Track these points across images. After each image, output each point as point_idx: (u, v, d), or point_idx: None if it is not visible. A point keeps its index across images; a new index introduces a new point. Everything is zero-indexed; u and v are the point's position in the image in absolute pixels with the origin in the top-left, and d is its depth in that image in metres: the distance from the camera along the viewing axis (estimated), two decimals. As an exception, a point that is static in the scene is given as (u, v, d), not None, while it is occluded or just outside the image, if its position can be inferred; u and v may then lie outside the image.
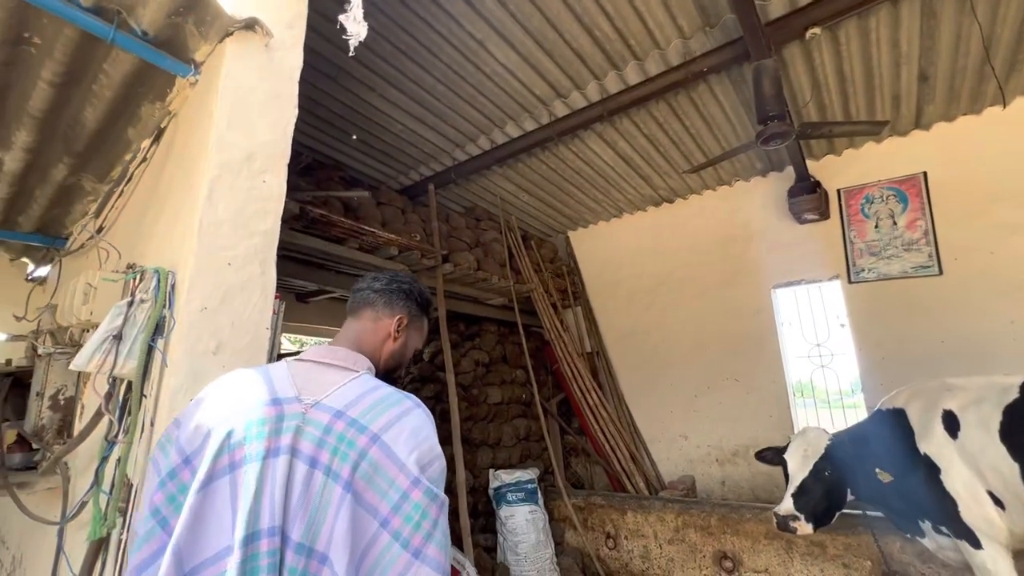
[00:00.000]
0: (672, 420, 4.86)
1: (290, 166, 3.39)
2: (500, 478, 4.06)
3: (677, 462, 4.76)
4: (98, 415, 1.37)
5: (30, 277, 3.29)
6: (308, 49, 1.79)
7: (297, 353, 3.79)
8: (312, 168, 3.79)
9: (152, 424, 1.27)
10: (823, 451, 2.61)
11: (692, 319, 4.91)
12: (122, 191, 2.11)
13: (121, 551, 1.21)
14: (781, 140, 2.73)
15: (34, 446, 2.07)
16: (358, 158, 4.17)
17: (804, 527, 2.52)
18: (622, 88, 3.37)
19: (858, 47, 3.01)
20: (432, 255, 3.87)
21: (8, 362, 2.39)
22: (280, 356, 4.71)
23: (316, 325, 4.65)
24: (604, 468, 4.83)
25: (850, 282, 4.10)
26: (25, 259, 3.41)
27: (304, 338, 5.07)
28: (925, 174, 3.88)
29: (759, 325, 4.53)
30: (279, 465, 0.89)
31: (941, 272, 3.75)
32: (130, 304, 1.31)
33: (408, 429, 0.95)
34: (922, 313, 3.79)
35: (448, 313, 4.71)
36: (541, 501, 4.06)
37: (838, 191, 4.22)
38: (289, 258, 3.34)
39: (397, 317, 1.20)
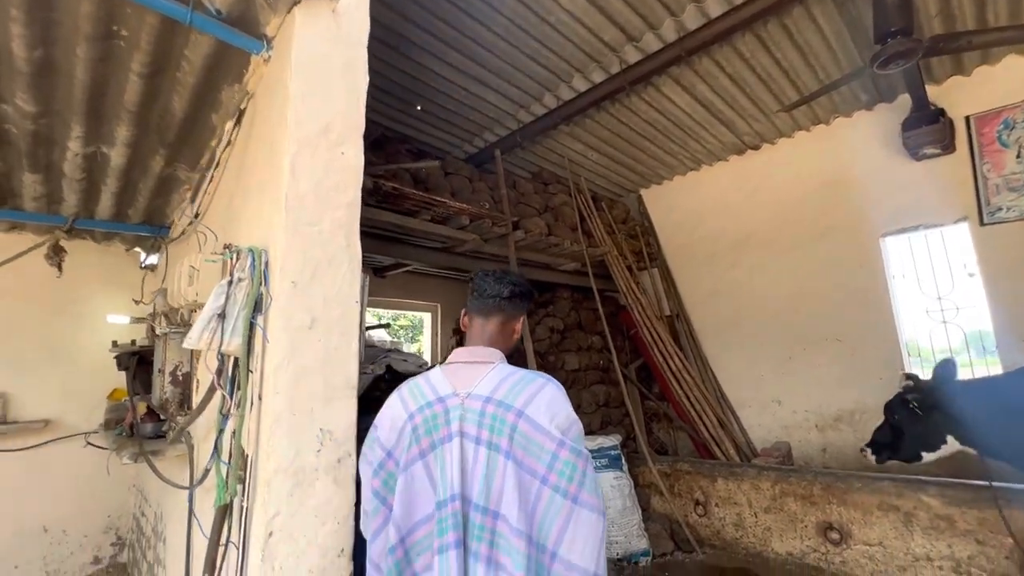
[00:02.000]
0: (763, 384, 4.56)
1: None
2: (582, 444, 4.03)
3: (770, 428, 4.49)
4: (211, 390, 1.44)
5: (144, 264, 3.62)
6: (371, 19, 1.72)
7: (380, 326, 3.87)
8: (381, 143, 3.80)
9: (260, 398, 1.31)
10: (918, 384, 2.49)
11: (784, 276, 4.52)
12: (212, 176, 2.20)
13: (244, 517, 1.28)
14: (904, 60, 2.32)
15: (161, 417, 2.28)
16: (423, 129, 4.13)
17: (869, 457, 2.57)
18: (702, 23, 3.03)
19: (1004, -65, 2.47)
20: (503, 223, 3.80)
21: (133, 342, 2.65)
22: (365, 329, 4.81)
23: (394, 299, 4.79)
24: (689, 434, 4.67)
25: (982, 224, 3.54)
26: (138, 248, 3.74)
27: (381, 311, 5.24)
28: (1086, 87, 3.21)
29: (865, 279, 4.07)
30: (453, 447, 1.15)
31: (1106, 205, 3.13)
32: (230, 283, 1.34)
33: (544, 402, 1.16)
34: (1078, 256, 3.20)
35: (521, 281, 4.66)
36: (625, 467, 3.99)
37: (967, 118, 3.61)
38: (365, 233, 3.40)
39: (521, 319, 1.44)
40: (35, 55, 1.65)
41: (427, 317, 5.23)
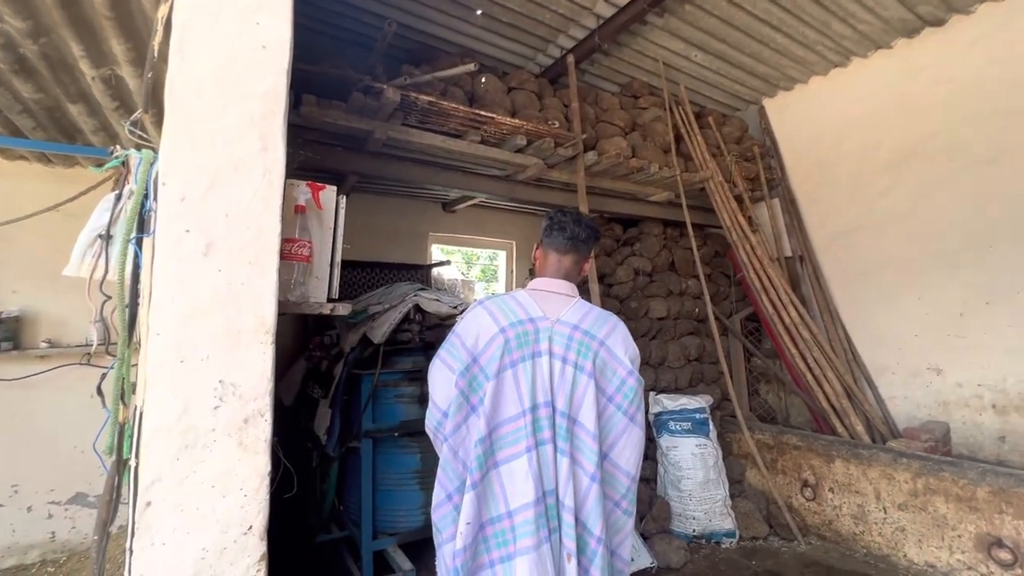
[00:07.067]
0: (916, 347, 3.51)
1: (377, 42, 2.93)
2: (661, 403, 3.49)
3: (921, 404, 3.48)
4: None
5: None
6: None
7: (441, 264, 3.60)
8: (430, 55, 3.37)
9: (138, 343, 1.06)
10: None
11: (967, 203, 3.30)
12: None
13: (131, 478, 1.08)
14: None
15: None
16: (486, 38, 3.58)
17: None
18: None
19: None
20: (570, 143, 3.20)
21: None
22: (431, 266, 4.58)
23: (464, 235, 4.50)
24: (805, 402, 3.84)
25: None
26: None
27: (451, 248, 5.01)
28: None
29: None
30: (543, 363, 1.37)
31: None
32: (118, 198, 1.08)
33: (620, 337, 1.45)
34: None
35: (596, 214, 4.06)
36: (713, 434, 3.39)
37: None
38: (411, 160, 3.09)
39: (590, 259, 1.67)
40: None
41: (502, 255, 4.89)
